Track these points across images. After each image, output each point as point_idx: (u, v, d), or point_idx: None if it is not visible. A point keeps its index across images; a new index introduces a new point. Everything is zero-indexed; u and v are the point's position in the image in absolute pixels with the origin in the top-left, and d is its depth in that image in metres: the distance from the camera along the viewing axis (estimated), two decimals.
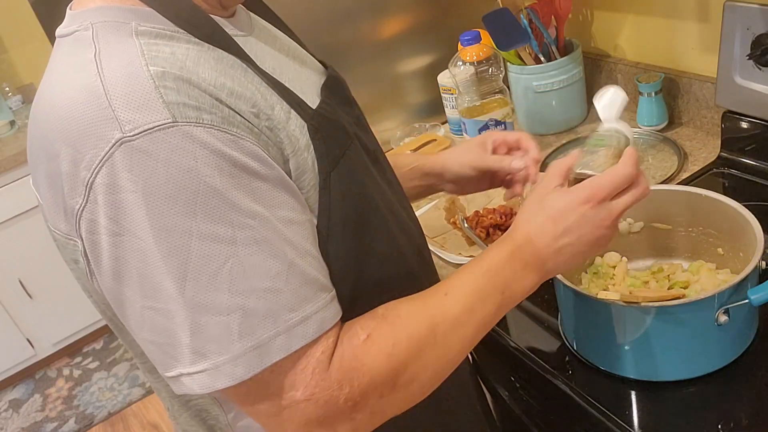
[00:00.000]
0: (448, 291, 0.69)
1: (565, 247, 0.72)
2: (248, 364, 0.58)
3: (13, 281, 2.84)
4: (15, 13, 2.99)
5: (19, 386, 3.08)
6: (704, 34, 1.34)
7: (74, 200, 0.58)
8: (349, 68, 1.57)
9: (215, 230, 0.56)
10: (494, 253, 0.73)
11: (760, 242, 0.84)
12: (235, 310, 0.57)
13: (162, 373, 0.62)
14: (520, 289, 0.72)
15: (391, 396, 0.64)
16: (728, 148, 1.28)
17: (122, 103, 0.55)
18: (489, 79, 1.43)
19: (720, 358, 0.87)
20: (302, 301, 0.60)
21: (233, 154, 0.57)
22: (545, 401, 0.97)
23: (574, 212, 0.72)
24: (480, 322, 0.69)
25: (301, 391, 0.60)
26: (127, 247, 0.57)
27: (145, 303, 0.58)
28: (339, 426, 0.62)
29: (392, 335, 0.65)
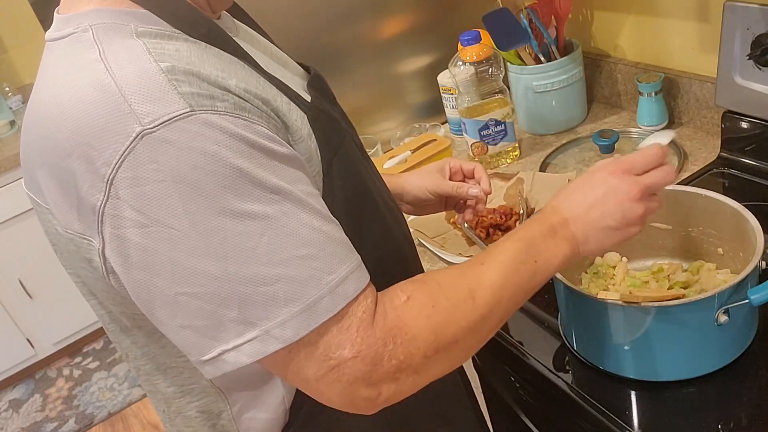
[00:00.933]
0: (484, 261, 0.72)
1: (595, 219, 0.75)
2: (297, 326, 0.60)
3: (13, 281, 2.84)
4: (15, 13, 2.99)
5: (19, 386, 3.08)
6: (704, 34, 1.35)
7: (94, 197, 0.58)
8: (349, 68, 1.58)
9: (247, 208, 0.58)
10: (527, 225, 0.76)
11: (760, 242, 0.84)
12: (278, 280, 0.59)
13: (197, 359, 0.63)
14: (553, 258, 0.74)
15: (433, 357, 0.66)
16: (728, 148, 1.28)
17: (137, 97, 0.56)
18: (489, 79, 1.43)
19: (720, 358, 0.87)
20: (338, 263, 0.63)
21: (250, 137, 0.59)
22: (545, 401, 0.97)
23: (602, 184, 0.76)
24: (515, 288, 0.71)
25: (347, 349, 0.62)
26: (157, 237, 0.58)
27: (180, 289, 0.59)
28: (383, 385, 0.64)
29: (431, 297, 0.67)
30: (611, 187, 0.75)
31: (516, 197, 1.31)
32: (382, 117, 1.67)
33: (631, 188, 0.75)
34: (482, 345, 0.72)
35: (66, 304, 2.89)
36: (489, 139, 1.47)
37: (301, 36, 1.49)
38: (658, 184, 0.77)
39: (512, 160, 1.51)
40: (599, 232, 0.75)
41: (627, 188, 0.75)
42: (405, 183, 1.04)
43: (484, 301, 0.69)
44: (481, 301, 0.69)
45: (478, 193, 1.00)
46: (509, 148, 1.50)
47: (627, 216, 0.74)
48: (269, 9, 1.43)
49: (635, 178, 0.76)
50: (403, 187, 1.03)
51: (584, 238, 0.75)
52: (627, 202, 0.74)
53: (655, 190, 0.77)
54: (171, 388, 0.77)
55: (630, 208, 0.74)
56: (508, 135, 1.48)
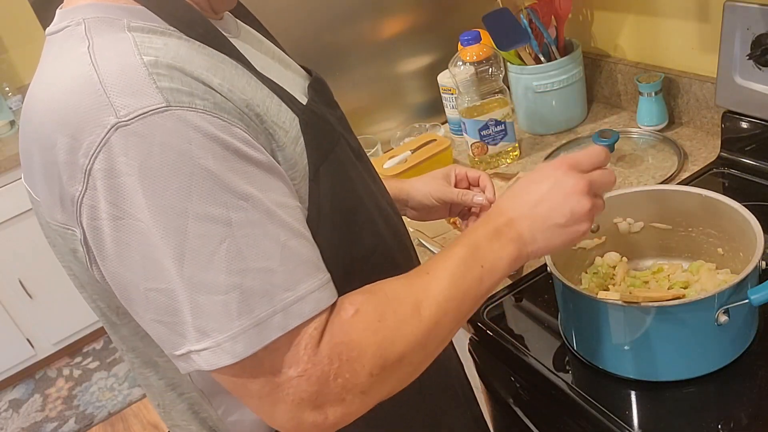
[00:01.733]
0: (429, 270, 0.70)
1: (542, 215, 0.73)
2: (248, 341, 0.59)
3: (13, 281, 2.84)
4: (15, 13, 2.99)
5: (19, 386, 3.08)
6: (704, 34, 1.35)
7: (74, 188, 0.59)
8: (349, 68, 1.58)
9: (210, 211, 0.57)
10: (473, 229, 0.74)
11: (760, 242, 0.84)
12: (233, 289, 0.58)
13: (171, 353, 0.63)
14: (499, 260, 0.72)
15: (380, 375, 0.64)
16: (728, 148, 1.28)
17: (117, 89, 0.57)
18: (489, 79, 1.43)
19: (720, 358, 0.87)
20: (297, 281, 0.61)
21: (225, 139, 0.59)
22: (545, 401, 0.97)
23: (546, 178, 0.74)
24: (463, 296, 0.70)
25: (293, 368, 0.60)
26: (128, 230, 0.58)
27: (149, 284, 0.59)
28: (330, 408, 0.62)
29: (379, 311, 0.65)
30: (557, 180, 0.73)
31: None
32: (382, 117, 1.67)
33: (578, 182, 0.73)
34: (430, 361, 0.70)
35: (66, 304, 2.89)
36: (489, 139, 1.47)
37: (301, 36, 1.49)
38: (603, 183, 0.75)
39: (512, 160, 1.51)
40: (546, 230, 0.73)
41: (573, 182, 0.73)
42: (410, 189, 1.03)
43: (430, 314, 0.67)
44: (428, 313, 0.67)
45: (482, 201, 1.00)
46: (509, 148, 1.50)
47: (574, 210, 0.72)
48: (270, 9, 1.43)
49: (580, 173, 0.74)
50: (408, 192, 1.03)
51: (531, 237, 0.73)
52: (574, 196, 0.72)
53: (599, 188, 0.75)
54: (161, 382, 0.78)
55: (578, 202, 0.72)
56: (508, 135, 1.48)
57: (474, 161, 1.51)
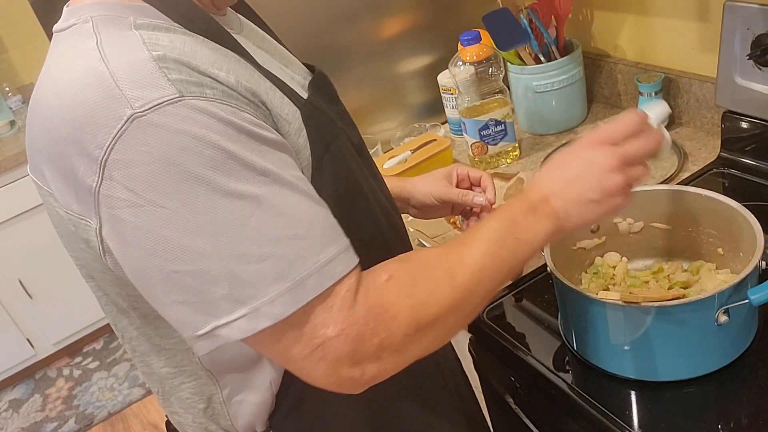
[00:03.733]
0: (465, 241, 0.73)
1: (575, 192, 0.74)
2: (285, 303, 0.61)
3: (13, 281, 2.84)
4: (15, 13, 2.99)
5: (19, 386, 3.08)
6: (704, 34, 1.35)
7: (90, 179, 0.60)
8: (349, 68, 1.58)
9: (236, 187, 0.60)
10: (509, 205, 0.76)
11: (760, 242, 0.84)
12: (267, 258, 0.61)
13: (192, 335, 0.64)
14: (535, 234, 0.74)
15: (414, 335, 0.67)
16: (728, 148, 1.28)
17: (129, 83, 0.59)
18: (489, 79, 1.43)
19: (720, 358, 0.87)
20: (326, 244, 0.64)
21: (238, 122, 0.61)
22: (545, 401, 0.97)
23: (578, 157, 0.76)
24: (496, 267, 0.72)
25: (331, 328, 0.63)
26: (149, 217, 0.59)
27: (173, 267, 0.61)
28: (367, 364, 0.65)
29: (412, 276, 0.68)
30: (587, 159, 0.74)
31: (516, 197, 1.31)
32: (382, 117, 1.67)
33: (608, 158, 0.73)
34: (464, 325, 0.73)
35: (66, 304, 2.90)
36: (489, 139, 1.47)
37: (301, 36, 1.49)
38: (638, 152, 0.75)
39: (512, 160, 1.51)
40: (580, 206, 0.74)
41: (603, 159, 0.73)
42: (412, 188, 1.04)
43: (463, 281, 0.69)
44: (461, 280, 0.69)
45: (482, 201, 1.01)
46: (509, 148, 1.50)
47: (606, 187, 0.73)
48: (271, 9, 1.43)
49: (612, 148, 0.74)
50: (410, 191, 1.04)
51: (566, 212, 0.74)
52: (605, 173, 0.73)
53: (634, 158, 0.75)
54: (165, 369, 0.79)
55: (609, 179, 0.73)
56: (508, 135, 1.48)
57: (474, 161, 1.51)
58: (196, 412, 0.81)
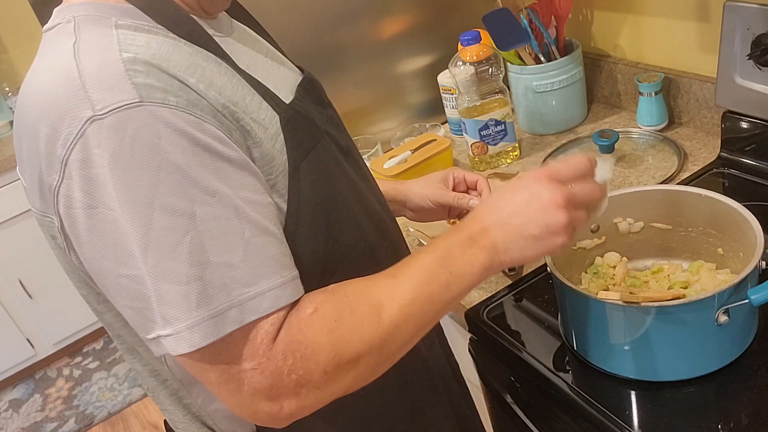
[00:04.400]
0: (396, 273, 0.71)
1: (517, 225, 0.71)
2: (204, 332, 0.61)
3: (13, 281, 2.84)
4: (15, 13, 2.99)
5: (19, 386, 3.08)
6: (704, 34, 1.35)
7: (51, 177, 0.61)
8: (349, 68, 1.58)
9: (176, 204, 0.60)
10: (446, 236, 0.74)
11: (760, 242, 0.84)
12: (194, 280, 0.60)
13: (144, 337, 0.65)
14: (469, 267, 0.71)
15: (334, 373, 0.65)
16: (728, 148, 1.28)
17: (94, 84, 0.60)
18: (489, 79, 1.43)
19: (720, 358, 0.87)
20: (258, 277, 0.63)
21: (196, 135, 0.61)
22: (545, 401, 0.97)
23: (524, 189, 0.72)
24: (427, 301, 0.69)
25: (248, 361, 0.62)
26: (101, 219, 0.60)
27: (121, 271, 0.61)
28: (285, 400, 0.64)
29: (337, 311, 0.66)
30: (534, 192, 0.71)
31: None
32: (382, 117, 1.67)
33: (554, 194, 0.71)
34: (390, 363, 0.70)
35: (66, 304, 2.89)
36: (489, 139, 1.47)
37: (301, 36, 1.49)
38: (583, 194, 0.73)
39: (512, 160, 1.51)
40: (521, 240, 0.71)
41: (550, 194, 0.71)
42: (407, 191, 1.04)
43: (390, 317, 0.67)
44: (387, 317, 0.67)
45: (478, 204, 0.99)
46: (509, 148, 1.50)
47: (550, 223, 0.70)
48: (270, 9, 1.43)
49: (559, 185, 0.72)
50: (406, 194, 1.04)
51: (504, 246, 0.71)
52: (550, 208, 0.70)
53: (580, 201, 0.73)
54: (145, 368, 0.80)
55: (553, 215, 0.70)
56: (508, 135, 1.48)
57: (474, 161, 1.51)
58: (180, 408, 0.81)
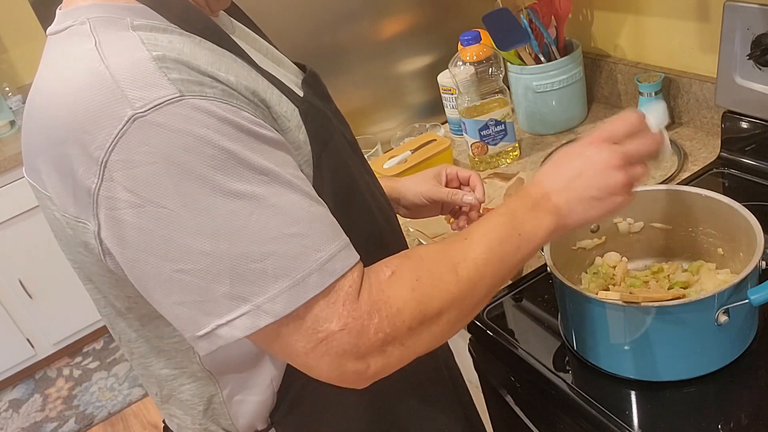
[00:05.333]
0: (467, 236, 0.73)
1: (576, 189, 0.74)
2: (287, 300, 0.62)
3: (13, 281, 2.84)
4: (15, 13, 2.99)
5: (19, 386, 3.08)
6: (704, 34, 1.35)
7: (89, 180, 0.60)
8: (349, 68, 1.58)
9: (236, 187, 0.60)
10: (511, 201, 0.77)
11: (760, 242, 0.84)
12: (268, 256, 0.61)
13: (192, 336, 0.64)
14: (537, 230, 0.74)
15: (418, 329, 0.67)
16: (728, 148, 1.28)
17: (129, 83, 0.59)
18: (489, 79, 1.43)
19: (720, 358, 0.87)
20: (326, 241, 0.64)
21: (238, 121, 0.62)
22: (545, 401, 0.97)
23: (579, 155, 0.76)
24: (499, 261, 0.72)
25: (335, 323, 0.63)
26: (151, 217, 0.60)
27: (174, 266, 0.61)
28: (371, 358, 0.65)
29: (415, 271, 0.69)
30: (589, 156, 0.75)
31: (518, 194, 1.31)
32: (382, 117, 1.67)
33: (610, 156, 0.74)
34: (469, 319, 0.74)
35: (66, 304, 2.89)
36: (489, 139, 1.47)
37: (301, 36, 1.49)
38: (639, 151, 0.76)
39: (512, 160, 1.51)
40: (582, 203, 0.74)
41: (606, 156, 0.74)
42: (401, 188, 1.05)
43: (467, 275, 0.70)
44: (464, 274, 0.70)
45: (472, 200, 1.01)
46: (509, 148, 1.50)
47: (608, 184, 0.73)
48: (270, 9, 1.43)
49: (613, 146, 0.75)
50: (400, 191, 1.05)
51: (567, 209, 0.75)
52: (606, 170, 0.73)
53: (636, 157, 0.76)
54: (164, 371, 0.79)
55: (610, 176, 0.73)
56: (508, 135, 1.48)
57: (474, 161, 1.51)
58: (195, 413, 0.81)
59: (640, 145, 0.76)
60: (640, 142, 0.77)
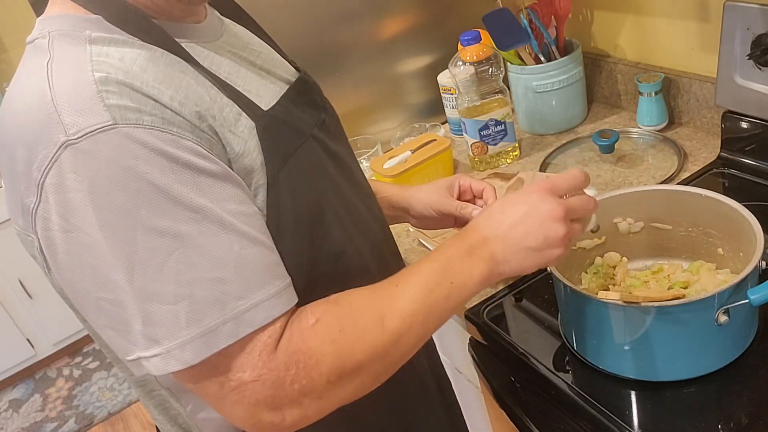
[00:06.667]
0: (398, 282, 0.71)
1: (516, 238, 0.72)
2: (196, 349, 0.60)
3: (13, 281, 2.84)
4: (15, 13, 2.99)
5: (19, 386, 3.08)
6: (704, 34, 1.34)
7: (29, 199, 0.61)
8: (349, 68, 1.58)
9: (158, 224, 0.59)
10: (446, 245, 0.75)
11: (760, 242, 0.84)
12: (183, 299, 0.60)
13: (123, 358, 0.64)
14: (469, 278, 0.72)
15: (338, 382, 0.65)
16: (728, 148, 1.28)
17: (66, 107, 0.59)
18: (489, 79, 1.43)
19: (720, 358, 0.87)
20: (251, 290, 0.62)
21: (175, 152, 0.60)
22: (545, 401, 0.97)
23: (523, 202, 0.73)
24: (428, 311, 0.70)
25: (248, 373, 0.62)
26: (78, 243, 0.60)
27: (99, 294, 0.61)
28: (287, 410, 0.64)
29: (339, 321, 0.66)
30: (533, 205, 0.73)
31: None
32: (382, 117, 1.67)
33: (554, 207, 0.72)
34: (392, 371, 0.71)
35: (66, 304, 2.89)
36: (489, 139, 1.47)
37: (301, 36, 1.49)
38: (581, 208, 0.75)
39: (512, 160, 1.51)
40: (519, 252, 0.72)
41: (549, 207, 0.72)
42: (411, 198, 1.02)
43: (393, 327, 0.67)
44: (390, 326, 0.67)
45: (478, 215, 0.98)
46: (509, 148, 1.50)
47: (549, 236, 0.72)
48: (270, 9, 1.43)
49: (558, 199, 0.73)
50: (409, 201, 1.02)
51: (503, 257, 0.72)
52: (549, 222, 0.72)
53: (577, 214, 0.75)
54: (131, 378, 0.79)
55: (552, 228, 0.72)
56: (508, 135, 1.48)
57: (474, 161, 1.51)
58: (167, 419, 0.80)
59: (582, 202, 0.75)
60: (581, 199, 0.76)
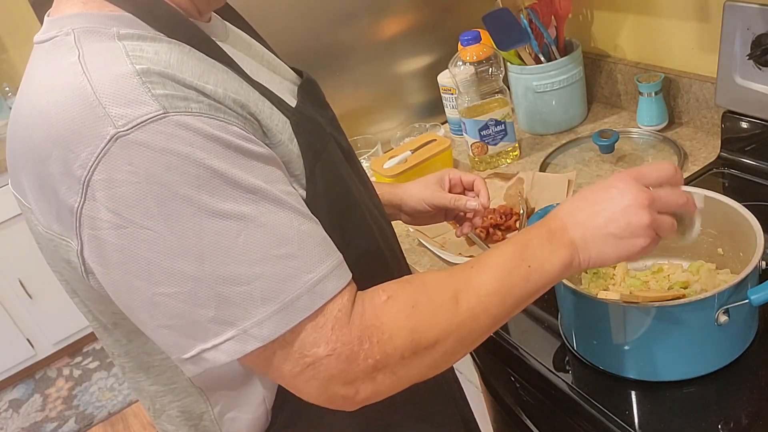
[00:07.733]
0: (474, 264, 0.70)
1: (597, 225, 0.70)
2: (274, 325, 0.60)
3: (13, 281, 2.84)
4: (15, 13, 2.99)
5: (19, 386, 3.08)
6: (704, 34, 1.35)
7: (72, 199, 0.59)
8: (350, 68, 1.58)
9: (222, 207, 0.58)
10: (526, 230, 0.74)
11: (760, 242, 0.84)
12: (256, 279, 0.60)
13: (178, 358, 0.63)
14: (548, 263, 0.70)
15: (411, 358, 0.65)
16: (728, 148, 1.28)
17: (112, 100, 0.57)
18: (489, 79, 1.43)
19: (720, 358, 0.87)
20: (317, 261, 0.63)
21: (225, 137, 0.60)
22: (545, 401, 0.97)
23: (607, 188, 0.71)
24: (506, 293, 0.69)
25: (323, 348, 0.62)
26: (133, 238, 0.58)
27: (157, 290, 0.60)
28: (360, 385, 0.64)
29: (413, 298, 0.66)
30: (618, 191, 0.70)
31: (516, 197, 1.31)
32: (382, 117, 1.67)
33: (638, 195, 0.69)
34: (468, 350, 0.70)
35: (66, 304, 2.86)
36: (489, 139, 1.47)
37: (301, 36, 1.49)
38: (669, 200, 0.71)
39: (512, 160, 1.51)
40: (600, 240, 0.70)
41: (634, 194, 0.69)
42: (403, 194, 1.03)
43: (467, 305, 0.67)
44: (465, 304, 0.67)
45: (475, 206, 0.99)
46: (509, 148, 1.50)
47: (632, 223, 0.68)
48: (270, 10, 1.43)
49: (643, 187, 0.70)
50: (402, 198, 1.03)
51: (584, 244, 0.70)
52: (632, 208, 0.69)
53: (664, 206, 0.71)
54: (153, 387, 0.78)
55: (635, 215, 0.68)
56: (508, 135, 1.48)
57: (474, 161, 1.51)
58: (186, 429, 0.79)
59: (671, 195, 0.72)
60: (671, 191, 0.72)
